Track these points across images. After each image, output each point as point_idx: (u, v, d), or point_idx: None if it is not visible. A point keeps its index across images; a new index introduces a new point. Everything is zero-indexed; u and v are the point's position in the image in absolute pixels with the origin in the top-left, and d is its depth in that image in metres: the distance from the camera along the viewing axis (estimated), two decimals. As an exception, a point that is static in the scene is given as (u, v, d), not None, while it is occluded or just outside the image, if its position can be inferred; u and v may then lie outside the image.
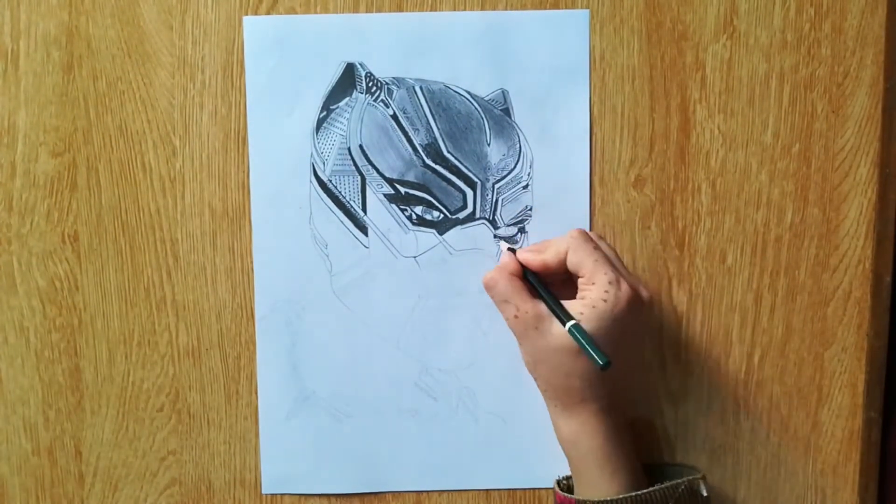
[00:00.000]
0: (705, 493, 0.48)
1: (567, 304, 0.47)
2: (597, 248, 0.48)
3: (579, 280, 0.48)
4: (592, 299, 0.46)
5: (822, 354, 0.55)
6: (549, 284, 0.49)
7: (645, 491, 0.47)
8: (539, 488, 0.55)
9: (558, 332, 0.46)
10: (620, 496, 0.46)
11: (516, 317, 0.47)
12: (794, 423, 0.55)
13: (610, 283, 0.46)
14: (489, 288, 0.49)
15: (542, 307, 0.47)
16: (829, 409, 0.55)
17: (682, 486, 0.48)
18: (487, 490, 0.55)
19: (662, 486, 0.47)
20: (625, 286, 0.46)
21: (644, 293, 0.48)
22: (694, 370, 0.55)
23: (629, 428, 0.50)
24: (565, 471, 0.51)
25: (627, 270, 0.49)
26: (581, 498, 0.48)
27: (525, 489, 0.55)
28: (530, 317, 0.47)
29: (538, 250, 0.49)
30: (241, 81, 0.53)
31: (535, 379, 0.49)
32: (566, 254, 0.48)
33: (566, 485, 0.51)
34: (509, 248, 0.51)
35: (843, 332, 0.54)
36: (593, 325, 0.45)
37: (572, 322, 0.45)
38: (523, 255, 0.50)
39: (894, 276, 0.54)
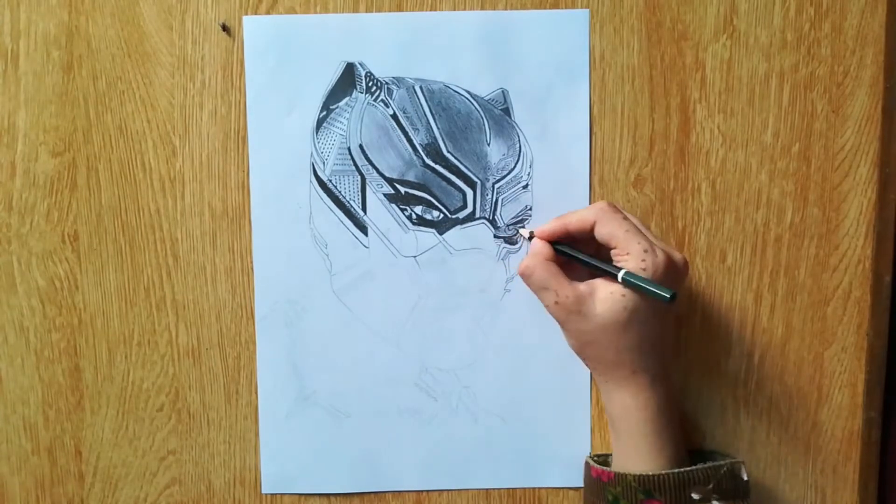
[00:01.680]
0: (745, 478, 0.48)
1: (605, 280, 0.47)
2: (625, 218, 0.48)
3: (612, 252, 0.47)
4: (631, 268, 0.46)
5: (822, 354, 0.55)
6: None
7: (689, 469, 0.47)
8: (539, 488, 0.55)
9: (602, 309, 0.46)
10: (664, 472, 0.46)
11: (557, 303, 0.47)
12: (794, 423, 0.55)
13: (645, 251, 0.46)
14: (526, 277, 0.48)
15: (582, 288, 0.47)
16: (829, 409, 0.55)
17: (725, 468, 0.48)
18: (487, 490, 0.55)
19: (706, 465, 0.47)
20: (660, 252, 0.46)
21: (678, 257, 0.48)
22: (694, 370, 0.55)
23: (677, 403, 0.50)
24: (565, 470, 0.51)
25: (656, 237, 0.49)
26: (622, 471, 0.48)
27: (525, 489, 0.55)
28: (571, 301, 0.47)
29: (558, 219, 0.50)
30: (241, 81, 0.53)
31: (584, 360, 0.49)
32: (592, 224, 0.48)
33: (597, 461, 0.52)
34: (531, 235, 0.51)
35: (843, 331, 0.54)
36: (636, 294, 0.46)
37: (623, 271, 0.46)
38: (543, 229, 0.50)
39: (894, 276, 0.54)
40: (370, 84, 0.53)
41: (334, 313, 0.54)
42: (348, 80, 0.53)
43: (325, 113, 0.53)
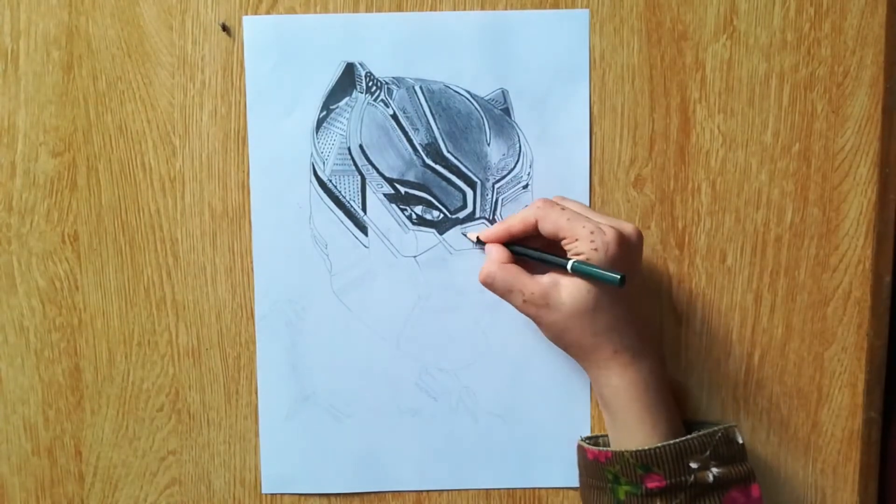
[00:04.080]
0: (741, 441, 0.48)
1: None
2: (564, 208, 0.48)
3: (563, 243, 0.48)
4: (584, 253, 0.46)
5: (822, 354, 0.55)
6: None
7: (684, 439, 0.47)
8: (539, 488, 0.55)
9: (569, 298, 0.46)
10: (659, 445, 0.47)
11: (525, 301, 0.48)
12: (794, 423, 0.55)
13: (592, 232, 0.46)
14: (489, 284, 0.49)
15: (545, 281, 0.47)
16: (829, 409, 0.55)
17: (719, 434, 0.48)
18: (487, 490, 0.55)
19: (700, 433, 0.47)
20: (608, 230, 0.46)
21: (628, 229, 0.48)
22: (694, 370, 0.55)
23: (667, 377, 0.50)
24: (565, 470, 0.51)
25: (601, 215, 0.49)
26: (618, 449, 0.48)
27: (525, 489, 0.55)
28: (538, 296, 0.47)
29: (502, 223, 0.50)
30: (241, 81, 0.53)
31: (565, 349, 0.50)
32: (535, 223, 0.48)
33: (593, 443, 0.52)
34: (477, 239, 0.52)
35: (843, 332, 0.54)
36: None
37: (572, 260, 0.46)
38: (487, 233, 0.51)
39: (894, 276, 0.54)
40: (370, 84, 0.53)
41: (334, 313, 0.54)
42: (348, 80, 0.53)
43: (325, 113, 0.53)
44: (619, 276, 0.44)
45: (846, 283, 0.54)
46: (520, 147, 0.54)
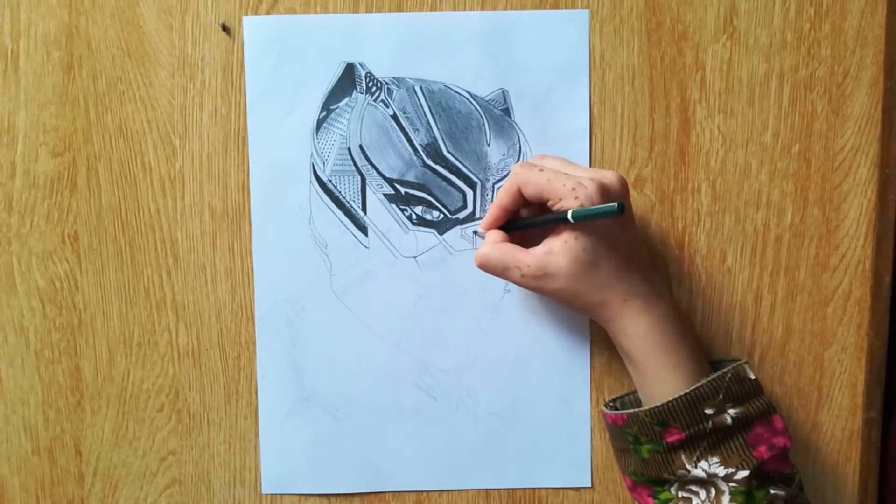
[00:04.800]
0: (753, 377, 0.48)
1: (555, 233, 0.47)
2: (543, 168, 0.48)
3: (549, 204, 0.48)
4: (570, 208, 0.46)
5: (822, 354, 0.55)
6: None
7: (693, 388, 0.46)
8: (539, 488, 0.55)
9: (565, 261, 0.47)
10: (670, 399, 0.46)
11: (523, 275, 0.48)
12: (793, 424, 0.55)
13: (573, 188, 0.46)
14: (485, 265, 0.49)
15: (539, 251, 0.47)
16: (829, 410, 0.55)
17: (729, 375, 0.47)
18: (487, 490, 0.55)
19: (709, 378, 0.47)
20: (588, 183, 0.46)
21: (609, 178, 0.47)
22: (694, 370, 0.55)
23: (683, 318, 0.50)
24: (565, 470, 0.51)
25: (582, 168, 0.49)
26: (633, 410, 0.48)
27: (525, 489, 0.55)
28: (534, 267, 0.47)
29: (491, 206, 0.51)
30: (241, 81, 0.53)
31: (580, 312, 0.50)
32: (518, 191, 0.48)
33: (613, 406, 0.52)
34: (474, 231, 0.53)
35: (843, 332, 0.54)
36: (588, 233, 0.46)
37: (569, 211, 0.46)
38: (484, 222, 0.51)
39: (894, 276, 0.54)
40: (370, 84, 0.53)
41: (334, 313, 0.54)
42: (348, 80, 0.53)
43: (325, 113, 0.53)
44: (615, 205, 0.44)
45: (846, 283, 0.54)
46: (520, 147, 0.54)
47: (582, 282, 0.47)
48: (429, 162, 0.53)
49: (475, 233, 0.54)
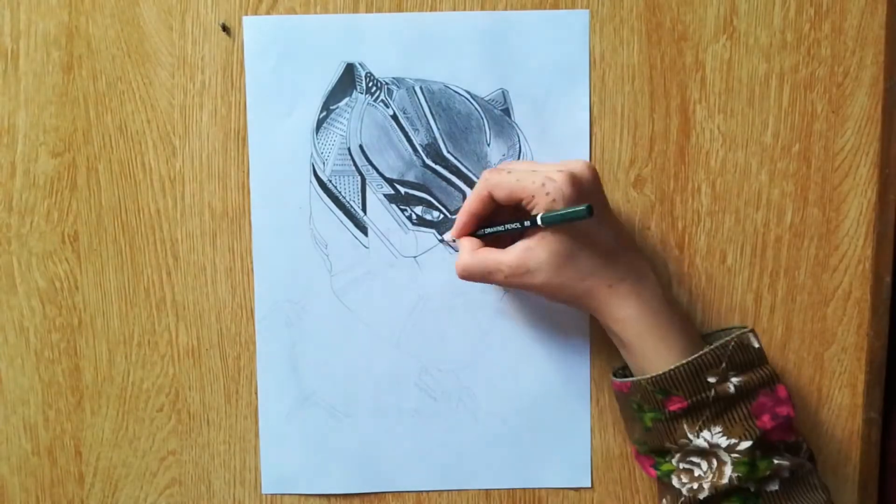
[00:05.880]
0: (757, 345, 0.48)
1: (531, 229, 0.48)
2: (510, 171, 0.48)
3: (523, 204, 0.48)
4: (541, 205, 0.46)
5: (822, 354, 0.55)
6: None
7: (695, 356, 0.46)
8: (539, 488, 0.55)
9: (545, 255, 0.47)
10: (673, 366, 0.46)
11: (506, 276, 0.48)
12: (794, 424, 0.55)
13: (543, 184, 0.46)
14: (467, 275, 0.49)
15: (518, 249, 0.47)
16: (829, 410, 0.55)
17: (732, 344, 0.47)
18: (487, 490, 0.55)
19: (712, 346, 0.47)
20: (556, 175, 0.46)
21: (578, 167, 0.47)
22: (694, 370, 0.55)
23: (670, 297, 0.50)
24: (565, 470, 0.51)
25: (549, 163, 0.49)
26: (636, 378, 0.48)
27: (525, 489, 0.55)
28: (515, 266, 0.47)
29: (460, 212, 0.51)
30: (241, 81, 0.53)
31: (568, 305, 0.50)
32: (488, 195, 0.49)
33: (623, 375, 0.52)
34: (442, 238, 0.53)
35: (843, 332, 0.54)
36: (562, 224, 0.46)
37: (539, 215, 0.46)
38: (454, 229, 0.51)
39: (894, 276, 0.54)
40: (370, 84, 0.53)
41: (334, 313, 0.54)
42: (348, 80, 0.53)
43: (325, 113, 0.53)
44: (584, 207, 0.44)
45: (846, 283, 0.54)
46: (520, 147, 0.54)
47: (564, 273, 0.47)
48: (429, 162, 0.53)
49: (442, 240, 0.54)
